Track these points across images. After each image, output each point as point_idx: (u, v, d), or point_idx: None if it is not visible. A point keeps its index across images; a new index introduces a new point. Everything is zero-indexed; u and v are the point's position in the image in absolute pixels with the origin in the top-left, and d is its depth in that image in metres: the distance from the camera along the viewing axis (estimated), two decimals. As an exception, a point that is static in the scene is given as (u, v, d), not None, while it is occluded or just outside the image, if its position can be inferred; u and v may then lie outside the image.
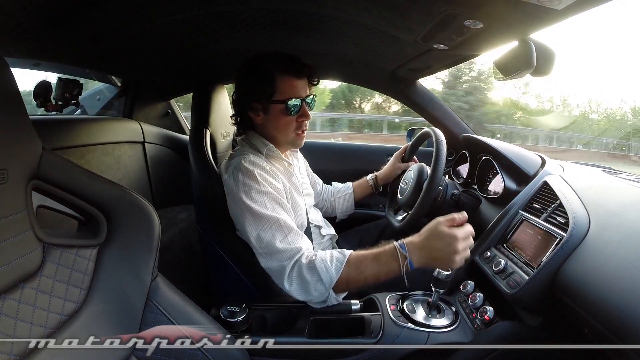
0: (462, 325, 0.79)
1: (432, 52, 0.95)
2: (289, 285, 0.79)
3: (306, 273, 0.78)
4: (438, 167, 0.96)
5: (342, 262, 0.77)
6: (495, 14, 0.65)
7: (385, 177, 1.27)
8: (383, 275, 0.77)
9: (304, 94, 0.92)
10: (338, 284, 0.76)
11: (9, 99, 0.47)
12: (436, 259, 0.75)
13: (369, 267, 0.77)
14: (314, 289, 0.77)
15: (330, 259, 0.78)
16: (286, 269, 0.79)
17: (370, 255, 0.78)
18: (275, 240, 0.81)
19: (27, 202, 0.50)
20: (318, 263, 0.77)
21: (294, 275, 0.79)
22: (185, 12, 0.80)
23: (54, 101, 1.18)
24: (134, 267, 0.60)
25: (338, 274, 0.76)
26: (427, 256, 0.75)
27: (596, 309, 0.57)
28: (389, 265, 0.76)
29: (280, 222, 0.82)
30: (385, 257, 0.76)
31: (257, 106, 0.92)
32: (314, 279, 0.77)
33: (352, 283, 0.77)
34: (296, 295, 0.79)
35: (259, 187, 0.84)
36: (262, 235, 0.81)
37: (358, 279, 0.77)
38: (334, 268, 0.77)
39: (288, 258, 0.80)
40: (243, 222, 0.84)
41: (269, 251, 0.81)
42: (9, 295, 0.47)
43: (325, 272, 0.76)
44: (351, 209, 1.30)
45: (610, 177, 0.92)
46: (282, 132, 0.94)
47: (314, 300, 0.80)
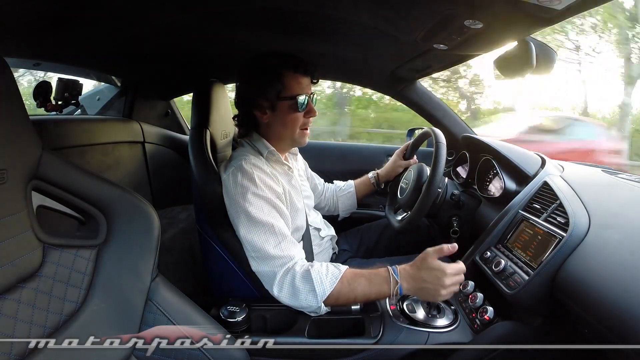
0: (462, 325, 0.79)
1: (432, 52, 0.95)
2: (279, 291, 0.79)
3: (299, 282, 0.78)
4: (438, 167, 0.96)
5: (337, 277, 0.78)
6: (495, 14, 0.65)
7: (386, 175, 1.27)
8: (373, 295, 0.78)
9: (309, 91, 0.93)
10: (328, 298, 0.77)
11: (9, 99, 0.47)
12: (423, 290, 0.77)
13: (361, 286, 0.78)
14: (304, 298, 0.77)
15: (325, 272, 0.78)
16: (277, 275, 0.79)
17: (364, 274, 0.79)
18: (268, 246, 0.81)
19: (27, 202, 0.50)
20: (314, 274, 0.78)
21: (286, 282, 0.79)
22: (185, 12, 0.80)
23: (54, 101, 1.18)
24: (133, 267, 0.60)
25: (332, 288, 0.76)
26: (416, 286, 0.77)
27: (596, 309, 0.57)
28: (380, 287, 0.77)
29: (274, 228, 0.82)
30: (378, 279, 0.78)
31: (264, 104, 0.91)
32: (306, 289, 0.77)
33: (342, 299, 0.78)
34: (284, 301, 0.80)
35: (257, 191, 0.84)
36: (256, 239, 0.81)
37: (348, 296, 0.78)
38: (329, 281, 0.77)
39: (280, 265, 0.80)
40: (237, 223, 0.84)
41: (261, 255, 0.81)
42: (9, 296, 0.47)
43: (320, 284, 0.77)
44: (354, 206, 1.30)
45: (610, 177, 0.92)
46: (290, 129, 0.94)
47: (302, 308, 0.80)
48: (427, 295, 0.78)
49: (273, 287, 0.80)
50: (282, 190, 0.90)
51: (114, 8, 0.74)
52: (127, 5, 0.74)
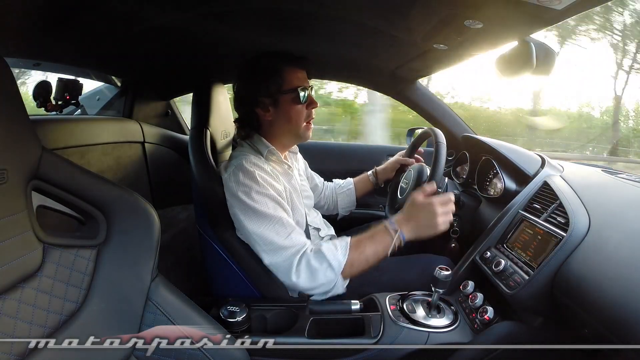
0: (462, 325, 0.79)
1: (432, 52, 0.95)
2: (297, 278, 0.82)
3: (314, 262, 0.82)
4: (438, 167, 0.96)
5: (345, 247, 0.83)
6: (495, 14, 0.65)
7: (385, 173, 1.26)
8: (381, 251, 0.83)
9: (307, 84, 0.95)
10: (344, 269, 0.82)
11: (9, 99, 0.47)
12: (421, 227, 0.84)
13: (368, 247, 0.83)
14: (323, 275, 0.81)
15: (334, 246, 0.83)
16: (293, 263, 0.82)
17: (366, 236, 0.85)
18: (280, 237, 0.83)
19: (27, 202, 0.50)
20: (325, 251, 0.82)
21: (302, 267, 0.82)
22: (185, 12, 0.80)
23: (54, 101, 1.18)
24: (133, 267, 0.60)
25: (345, 258, 0.82)
26: (414, 226, 0.84)
27: (596, 309, 0.57)
28: (384, 240, 0.83)
29: (283, 220, 0.84)
30: (380, 235, 0.84)
31: (266, 101, 0.92)
32: (324, 266, 0.81)
33: (356, 265, 0.83)
34: (303, 285, 0.82)
35: (260, 189, 0.85)
36: (266, 233, 0.83)
37: (360, 260, 0.83)
38: (340, 252, 0.82)
39: (294, 253, 0.83)
40: (244, 221, 0.84)
41: (274, 248, 0.83)
42: (9, 295, 0.47)
43: (334, 258, 0.81)
44: (353, 205, 1.30)
45: (610, 177, 0.92)
46: (294, 123, 0.94)
47: (320, 289, 0.83)
48: (426, 230, 0.83)
49: (291, 275, 0.82)
50: (282, 189, 0.91)
51: (114, 8, 0.74)
52: (126, 5, 0.74)
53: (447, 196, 0.85)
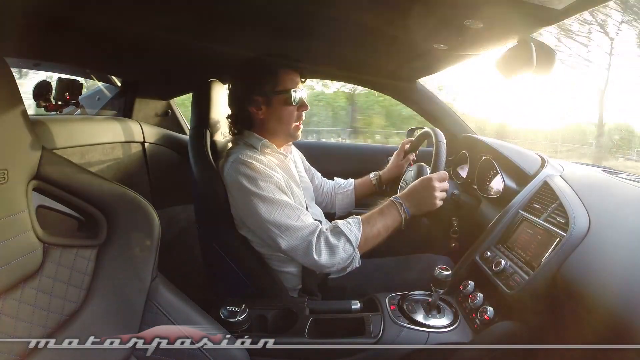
0: (462, 325, 0.79)
1: (432, 52, 0.95)
2: (318, 256, 0.85)
3: (333, 239, 0.86)
4: (438, 167, 0.97)
5: (358, 222, 0.89)
6: (495, 14, 0.65)
7: (389, 176, 1.26)
8: (390, 224, 0.91)
9: (300, 87, 0.98)
10: (360, 243, 0.87)
11: (9, 99, 0.47)
12: (421, 202, 0.92)
13: (378, 221, 0.90)
14: (342, 250, 0.86)
15: (348, 222, 0.89)
16: (312, 242, 0.85)
17: (375, 211, 0.93)
18: (292, 220, 0.85)
19: (27, 202, 0.50)
20: (342, 226, 0.87)
21: (321, 244, 0.85)
22: (185, 12, 0.80)
23: (54, 101, 1.18)
24: (133, 267, 0.60)
25: (360, 231, 0.88)
26: (415, 201, 0.92)
27: (596, 308, 0.57)
28: (392, 215, 0.91)
29: (290, 203, 0.87)
30: (388, 209, 0.92)
31: (259, 99, 0.95)
32: (342, 242, 0.86)
33: (369, 238, 0.89)
34: (325, 262, 0.85)
35: (262, 177, 0.87)
36: (278, 217, 0.85)
37: (373, 233, 0.89)
38: (355, 227, 0.88)
39: (310, 233, 0.85)
40: (254, 211, 0.85)
41: (289, 231, 0.85)
42: (10, 295, 0.47)
43: (350, 232, 0.87)
44: (351, 206, 1.30)
45: (610, 177, 0.92)
46: (285, 123, 0.97)
47: (340, 265, 0.87)
48: (426, 205, 0.92)
49: (312, 254, 0.84)
50: (281, 177, 0.93)
51: (114, 8, 0.74)
52: (126, 5, 0.74)
53: (442, 173, 0.94)
